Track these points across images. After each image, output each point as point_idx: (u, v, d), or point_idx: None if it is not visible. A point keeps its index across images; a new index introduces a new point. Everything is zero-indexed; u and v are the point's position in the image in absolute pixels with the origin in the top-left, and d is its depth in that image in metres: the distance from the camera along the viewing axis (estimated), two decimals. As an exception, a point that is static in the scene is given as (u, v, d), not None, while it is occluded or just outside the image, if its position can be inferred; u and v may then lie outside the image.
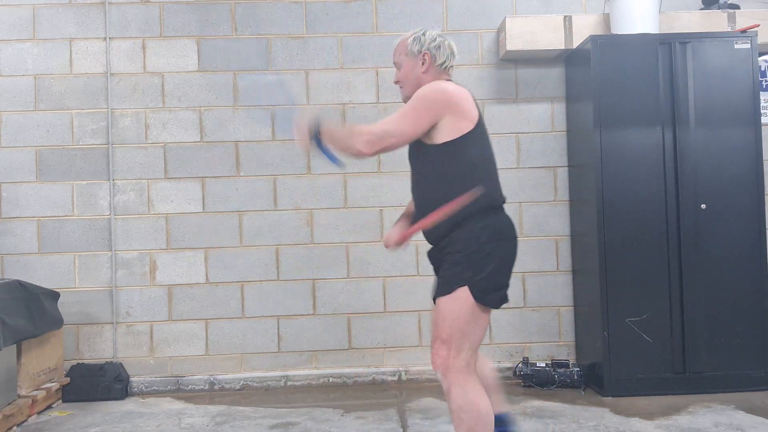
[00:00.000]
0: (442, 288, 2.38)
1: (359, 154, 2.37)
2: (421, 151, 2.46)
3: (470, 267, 2.33)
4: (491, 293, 2.37)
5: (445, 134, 2.39)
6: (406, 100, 2.53)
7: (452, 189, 2.38)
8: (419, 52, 2.51)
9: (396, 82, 2.60)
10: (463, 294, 2.32)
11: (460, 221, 2.36)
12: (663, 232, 3.89)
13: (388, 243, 2.57)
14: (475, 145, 2.43)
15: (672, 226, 3.89)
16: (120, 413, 3.86)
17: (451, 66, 2.58)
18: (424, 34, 2.54)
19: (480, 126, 2.46)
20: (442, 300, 2.36)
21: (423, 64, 2.52)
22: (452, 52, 2.57)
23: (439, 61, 2.53)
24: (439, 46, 2.52)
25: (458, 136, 2.38)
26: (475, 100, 2.51)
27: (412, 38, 2.53)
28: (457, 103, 2.40)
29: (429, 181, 2.46)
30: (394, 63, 2.59)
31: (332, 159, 2.44)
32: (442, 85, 2.44)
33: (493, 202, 2.44)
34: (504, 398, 2.64)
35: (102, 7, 4.39)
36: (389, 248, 2.58)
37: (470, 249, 2.34)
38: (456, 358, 2.31)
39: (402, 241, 2.54)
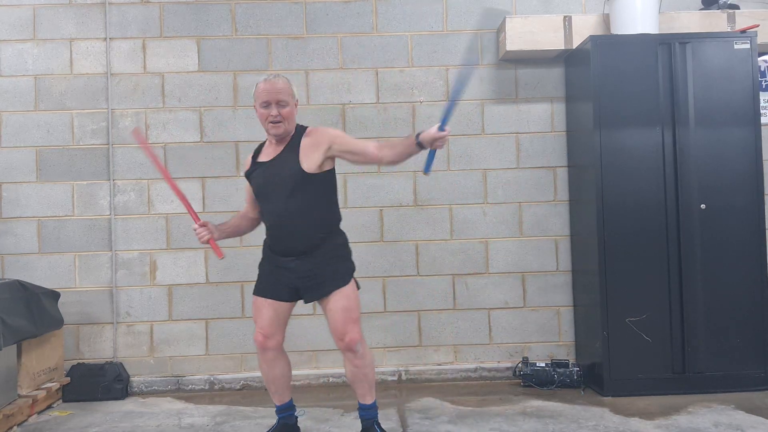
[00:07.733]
0: (343, 279, 3.01)
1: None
2: (310, 179, 2.97)
3: (350, 264, 3.09)
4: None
5: (329, 163, 3.04)
6: (284, 134, 3.00)
7: (335, 209, 3.12)
8: (295, 98, 3.05)
9: (277, 118, 2.96)
10: (352, 282, 3.05)
11: (326, 236, 3.01)
12: (663, 232, 3.89)
13: (203, 236, 3.04)
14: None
15: (672, 226, 3.89)
16: (120, 413, 3.86)
17: None
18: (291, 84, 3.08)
19: None
20: (347, 288, 3.00)
21: (296, 107, 3.07)
22: None
23: None
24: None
25: (334, 165, 3.09)
26: None
27: (291, 86, 3.03)
28: None
29: (317, 203, 3.01)
30: (281, 101, 2.96)
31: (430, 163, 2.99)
32: None
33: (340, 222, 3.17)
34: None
35: (102, 8, 4.39)
36: (203, 240, 3.07)
37: (347, 252, 3.11)
38: (360, 331, 3.05)
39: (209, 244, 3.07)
